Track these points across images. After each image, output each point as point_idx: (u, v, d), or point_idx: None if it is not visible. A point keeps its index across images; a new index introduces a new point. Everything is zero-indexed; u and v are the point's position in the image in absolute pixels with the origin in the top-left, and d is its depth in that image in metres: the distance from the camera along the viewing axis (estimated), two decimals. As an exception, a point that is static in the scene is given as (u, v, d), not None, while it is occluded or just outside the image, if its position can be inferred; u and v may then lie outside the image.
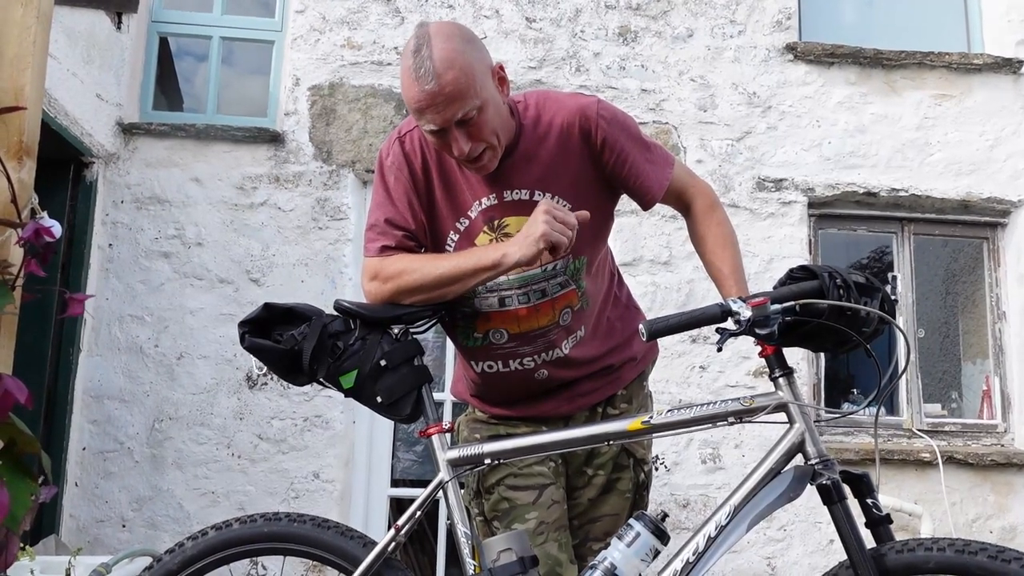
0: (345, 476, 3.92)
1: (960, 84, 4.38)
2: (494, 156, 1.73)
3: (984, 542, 1.39)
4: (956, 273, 4.68)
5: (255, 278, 4.00)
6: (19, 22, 1.18)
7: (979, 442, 4.21)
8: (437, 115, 1.63)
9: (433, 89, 1.61)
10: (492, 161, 1.74)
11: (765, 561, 3.90)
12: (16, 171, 1.15)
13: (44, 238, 1.07)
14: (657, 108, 4.25)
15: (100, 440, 3.86)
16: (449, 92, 1.61)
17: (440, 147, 1.74)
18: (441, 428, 1.70)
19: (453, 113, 1.63)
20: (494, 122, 1.70)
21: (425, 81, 1.61)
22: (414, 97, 1.64)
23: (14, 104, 1.17)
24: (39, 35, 1.21)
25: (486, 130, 1.68)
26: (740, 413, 1.58)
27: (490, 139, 1.70)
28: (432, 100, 1.62)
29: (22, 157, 1.16)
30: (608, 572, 1.55)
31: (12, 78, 1.20)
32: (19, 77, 1.19)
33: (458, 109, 1.63)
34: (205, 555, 1.68)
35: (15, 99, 1.18)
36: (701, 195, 1.89)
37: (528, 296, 1.81)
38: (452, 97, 1.62)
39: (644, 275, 4.09)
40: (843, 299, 1.51)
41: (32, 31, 1.19)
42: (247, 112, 4.43)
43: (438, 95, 1.61)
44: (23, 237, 1.08)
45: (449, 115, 1.63)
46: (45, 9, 1.25)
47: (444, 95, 1.61)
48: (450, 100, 1.62)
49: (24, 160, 1.17)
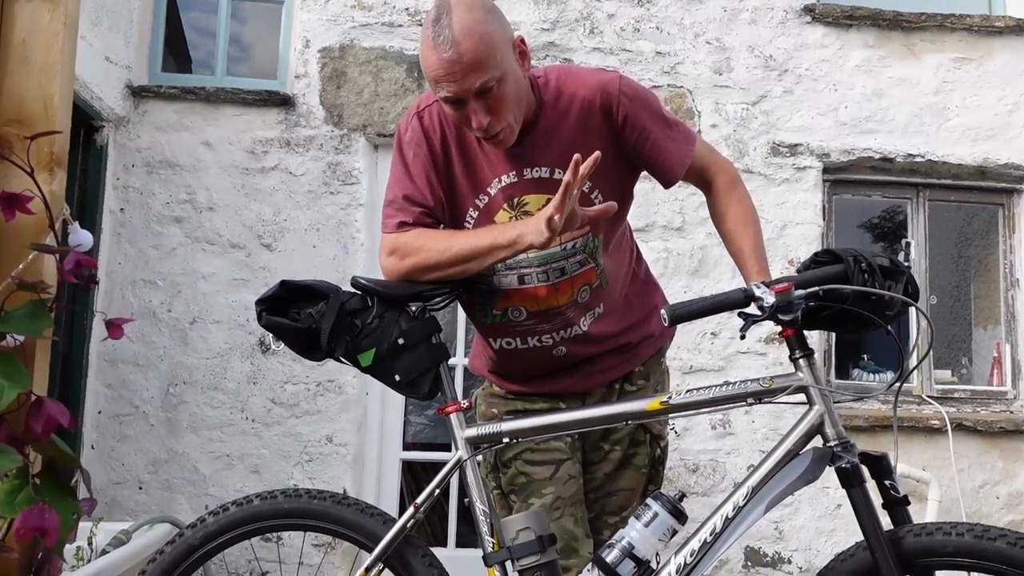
0: (358, 440, 3.95)
1: (980, 47, 4.30)
2: (511, 131, 1.71)
3: (1004, 528, 1.39)
4: (969, 237, 4.65)
5: (267, 243, 3.99)
6: (47, 29, 1.14)
7: (988, 408, 4.22)
8: (455, 84, 1.60)
9: (451, 57, 1.58)
10: (509, 136, 1.71)
11: (773, 525, 3.94)
12: (48, 183, 1.13)
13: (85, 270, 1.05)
14: (672, 71, 4.19)
15: (115, 404, 3.89)
16: (468, 61, 1.58)
17: (457, 119, 1.71)
18: (459, 407, 1.71)
19: (471, 83, 1.60)
20: (513, 96, 1.67)
21: (443, 49, 1.58)
22: (432, 66, 1.61)
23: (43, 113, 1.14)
24: (67, 42, 1.17)
25: (504, 104, 1.65)
26: (759, 394, 1.58)
27: (507, 115, 1.67)
28: (450, 69, 1.59)
29: (53, 168, 1.14)
30: (625, 551, 1.57)
31: (41, 87, 1.16)
32: (48, 86, 1.16)
33: (476, 79, 1.60)
34: (226, 530, 1.70)
35: (44, 109, 1.14)
36: (723, 172, 1.87)
37: (547, 274, 1.80)
38: (471, 66, 1.59)
39: (657, 241, 4.07)
40: (867, 284, 1.49)
41: (60, 38, 1.15)
42: (257, 74, 4.38)
43: (456, 63, 1.58)
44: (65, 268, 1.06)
45: (467, 85, 1.60)
46: (72, 14, 1.21)
47: (463, 64, 1.58)
48: (469, 69, 1.59)
49: (55, 171, 1.14)
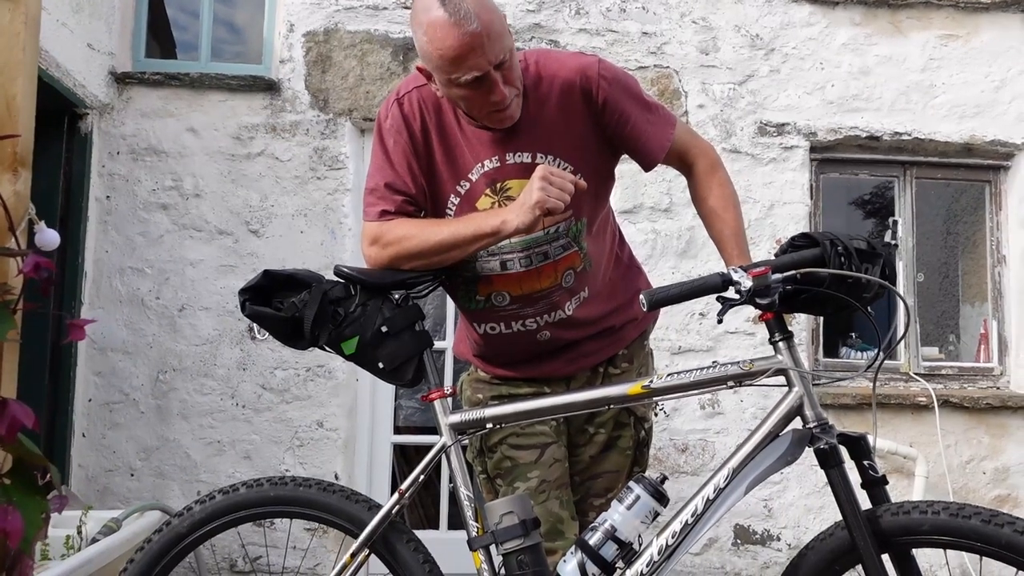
0: (349, 424, 3.97)
1: (967, 23, 4.29)
2: (518, 104, 1.72)
3: (978, 506, 1.41)
4: (957, 214, 4.66)
5: (254, 229, 3.98)
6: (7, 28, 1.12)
7: (975, 385, 4.25)
8: (482, 58, 1.59)
9: (477, 29, 1.57)
10: (519, 107, 1.72)
11: (762, 503, 3.98)
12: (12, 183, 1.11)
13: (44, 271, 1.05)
14: (658, 52, 4.17)
15: (105, 392, 3.89)
16: (491, 32, 1.59)
17: (469, 101, 1.68)
18: (443, 393, 1.72)
19: (496, 53, 1.61)
20: (518, 66, 1.70)
21: (468, 23, 1.57)
22: (455, 44, 1.58)
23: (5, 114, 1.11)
24: (28, 41, 1.15)
25: (514, 74, 1.68)
26: (740, 377, 1.59)
27: (518, 83, 1.69)
28: (478, 42, 1.58)
29: (17, 169, 1.12)
30: (608, 533, 1.59)
31: (3, 87, 1.14)
32: (10, 87, 1.13)
33: (501, 48, 1.61)
34: (213, 518, 1.72)
35: (7, 109, 1.12)
36: (703, 155, 1.87)
37: (530, 259, 1.81)
38: (494, 37, 1.60)
39: (644, 222, 4.07)
40: (844, 267, 1.51)
41: (21, 37, 1.12)
42: (242, 59, 4.35)
43: (481, 36, 1.58)
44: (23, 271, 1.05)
45: (493, 56, 1.60)
46: (33, 13, 1.18)
47: (489, 35, 1.59)
48: (494, 40, 1.60)
49: (19, 172, 1.13)
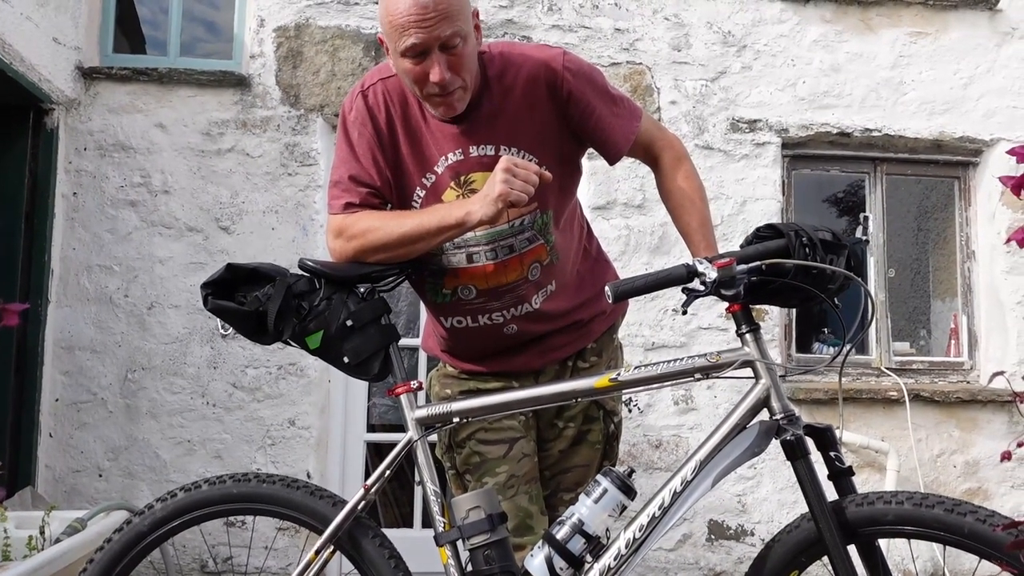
0: (321, 423, 3.93)
1: (936, 21, 4.33)
2: (464, 96, 1.70)
3: (941, 496, 1.42)
4: (928, 210, 4.70)
5: (224, 226, 3.94)
6: None
7: (946, 379, 4.29)
8: (424, 32, 1.59)
9: (426, 1, 1.57)
10: (463, 99, 1.70)
11: (736, 498, 3.99)
12: None
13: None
14: (631, 48, 4.17)
15: (73, 391, 3.83)
16: (442, 9, 1.58)
17: (412, 75, 1.66)
18: (409, 387, 1.70)
19: (440, 32, 1.59)
20: (471, 60, 1.67)
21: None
22: (402, 10, 1.58)
23: None
24: None
25: (463, 65, 1.65)
26: (707, 369, 1.59)
27: (466, 76, 1.67)
28: (423, 14, 1.57)
29: None
30: (576, 527, 1.58)
31: None
32: None
33: (447, 28, 1.59)
34: (175, 516, 1.69)
35: None
36: (669, 148, 1.87)
37: (496, 252, 1.79)
38: (443, 15, 1.58)
39: (618, 218, 4.07)
40: (809, 258, 1.51)
41: None
42: (211, 54, 4.30)
43: (430, 9, 1.57)
44: None
45: (436, 34, 1.59)
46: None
47: (436, 11, 1.58)
48: (441, 17, 1.58)
49: None
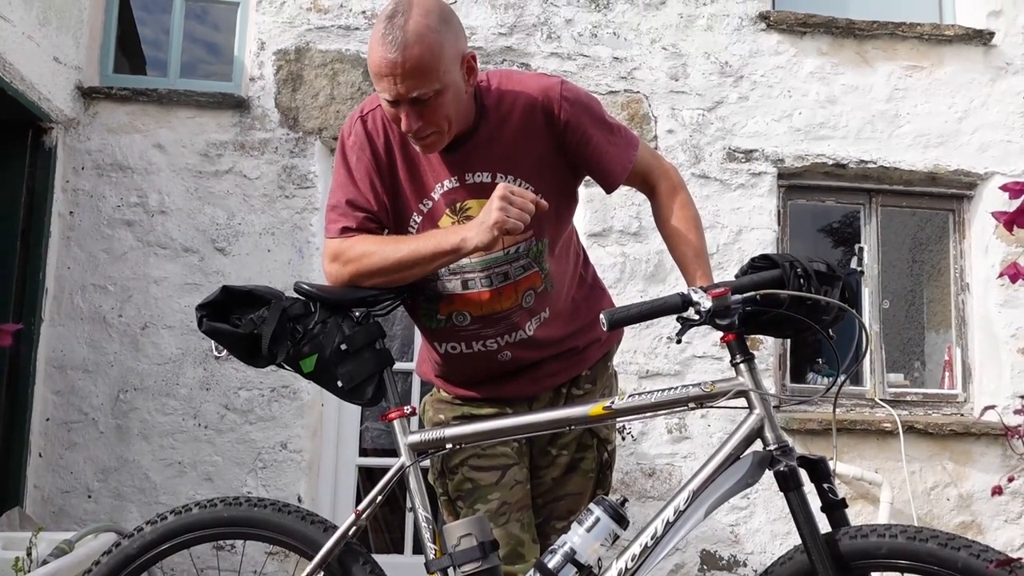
0: (313, 446, 3.91)
1: (931, 55, 4.38)
2: (439, 139, 1.70)
3: (935, 529, 1.41)
4: (923, 242, 4.72)
5: (221, 247, 3.94)
6: None
7: (939, 411, 4.29)
8: (393, 86, 1.60)
9: (395, 59, 1.58)
10: (437, 142, 1.71)
11: (729, 529, 3.97)
12: None
13: None
14: (629, 77, 4.21)
15: (64, 411, 3.81)
16: (410, 67, 1.58)
17: (389, 115, 1.70)
18: (402, 412, 1.70)
19: (408, 89, 1.60)
20: (449, 109, 1.66)
21: (389, 49, 1.58)
22: (376, 62, 1.61)
23: None
24: None
25: (439, 114, 1.65)
26: (700, 398, 1.59)
27: (441, 124, 1.66)
28: (392, 70, 1.59)
29: None
30: (568, 556, 1.56)
31: None
32: None
33: (415, 87, 1.60)
34: (164, 540, 1.68)
35: None
36: (665, 177, 1.88)
37: (491, 279, 1.80)
38: (412, 73, 1.59)
39: (614, 245, 4.08)
40: (803, 288, 1.51)
41: None
42: (211, 76, 4.32)
43: (398, 66, 1.58)
44: None
45: (404, 90, 1.60)
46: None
47: (404, 69, 1.58)
48: (409, 75, 1.59)
49: None
